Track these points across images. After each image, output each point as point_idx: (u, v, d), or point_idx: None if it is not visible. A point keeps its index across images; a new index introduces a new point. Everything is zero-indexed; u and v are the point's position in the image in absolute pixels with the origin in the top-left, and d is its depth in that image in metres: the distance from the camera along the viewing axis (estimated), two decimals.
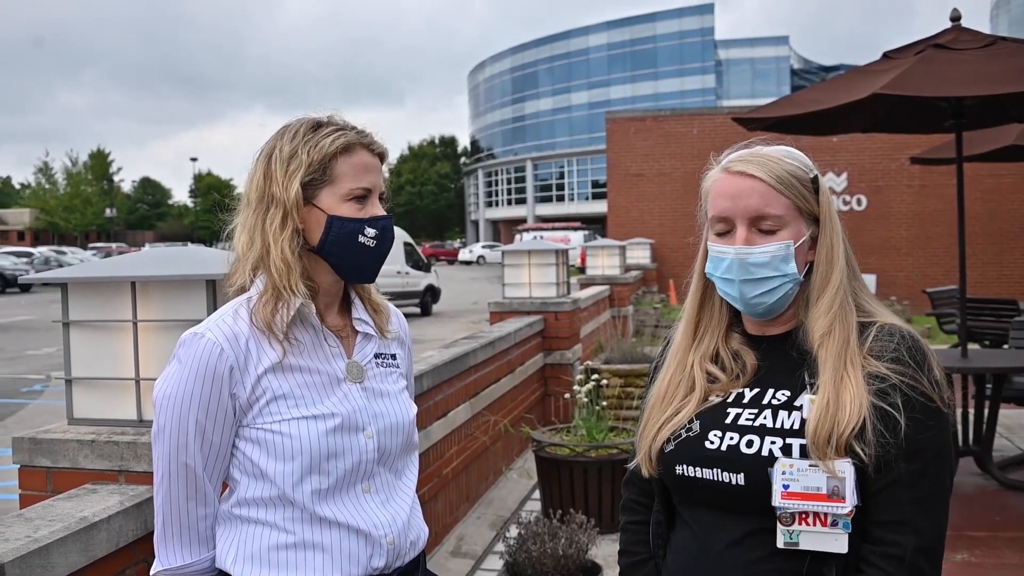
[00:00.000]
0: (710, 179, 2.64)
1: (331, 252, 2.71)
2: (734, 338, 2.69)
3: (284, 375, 2.65)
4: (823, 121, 9.52)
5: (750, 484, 2.41)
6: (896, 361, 2.40)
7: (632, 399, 10.84)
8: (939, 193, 28.29)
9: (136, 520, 3.68)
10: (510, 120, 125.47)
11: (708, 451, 2.50)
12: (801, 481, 2.34)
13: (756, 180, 2.50)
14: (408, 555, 2.82)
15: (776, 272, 2.50)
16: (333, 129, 2.72)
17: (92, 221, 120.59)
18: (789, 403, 2.48)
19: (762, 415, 2.49)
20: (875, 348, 2.44)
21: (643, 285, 26.37)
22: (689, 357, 2.71)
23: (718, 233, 2.57)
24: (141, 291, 4.04)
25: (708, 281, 2.69)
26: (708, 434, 2.53)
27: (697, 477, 2.51)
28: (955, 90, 8.08)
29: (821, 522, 2.34)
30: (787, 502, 2.35)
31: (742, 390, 2.58)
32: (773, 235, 2.50)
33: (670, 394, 2.69)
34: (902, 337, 2.45)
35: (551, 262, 12.43)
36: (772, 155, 2.56)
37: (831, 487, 2.32)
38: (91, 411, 4.20)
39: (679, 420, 2.61)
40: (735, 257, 2.51)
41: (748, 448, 2.44)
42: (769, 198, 2.49)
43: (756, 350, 2.63)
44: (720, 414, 2.56)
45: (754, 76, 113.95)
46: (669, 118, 33.53)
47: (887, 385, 2.37)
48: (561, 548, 6.35)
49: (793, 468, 2.36)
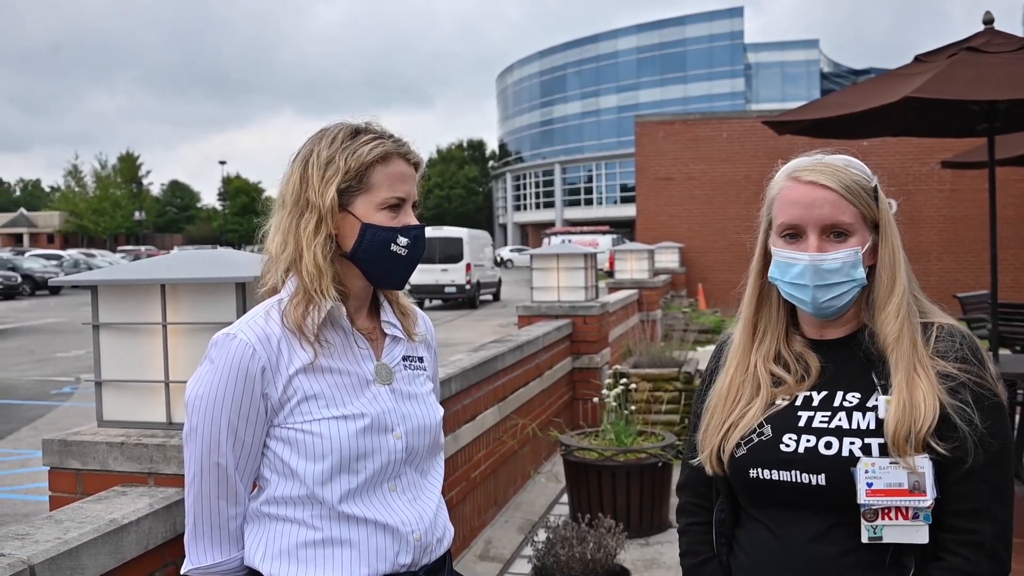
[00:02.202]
0: (776, 186, 2.71)
1: (363, 259, 2.73)
2: (796, 340, 2.75)
3: (315, 376, 2.67)
4: (853, 125, 9.46)
5: (832, 484, 2.50)
6: (962, 360, 2.52)
7: (661, 403, 10.83)
8: (971, 197, 28.08)
9: (166, 522, 3.68)
10: (538, 124, 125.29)
11: (785, 454, 2.57)
12: (884, 478, 2.45)
13: (828, 190, 2.58)
14: (435, 553, 2.85)
15: (847, 278, 2.58)
16: (371, 137, 2.73)
17: (121, 224, 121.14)
18: (862, 404, 2.57)
19: (836, 417, 2.58)
20: (940, 348, 2.56)
21: (672, 289, 26.35)
22: (751, 358, 2.77)
23: (786, 238, 2.64)
24: (171, 294, 4.04)
25: (765, 283, 2.75)
26: (783, 438, 2.60)
27: (774, 479, 2.58)
28: (987, 93, 8.02)
29: (903, 516, 2.45)
30: (872, 499, 2.45)
31: (809, 393, 2.66)
32: (843, 242, 2.59)
33: (733, 395, 2.75)
34: (963, 337, 2.58)
35: (579, 266, 12.41)
36: (838, 164, 2.64)
37: (912, 482, 2.43)
38: (121, 413, 4.20)
39: (747, 423, 2.67)
40: (809, 263, 2.58)
41: (827, 450, 2.53)
42: (840, 207, 2.58)
43: (818, 353, 2.69)
44: (792, 417, 2.63)
45: (784, 80, 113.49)
46: (698, 122, 33.47)
47: (957, 383, 2.48)
48: (589, 552, 6.34)
49: (875, 467, 2.46)
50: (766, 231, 2.74)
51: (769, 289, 2.76)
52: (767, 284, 2.75)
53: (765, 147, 27.71)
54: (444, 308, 39.72)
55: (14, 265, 55.19)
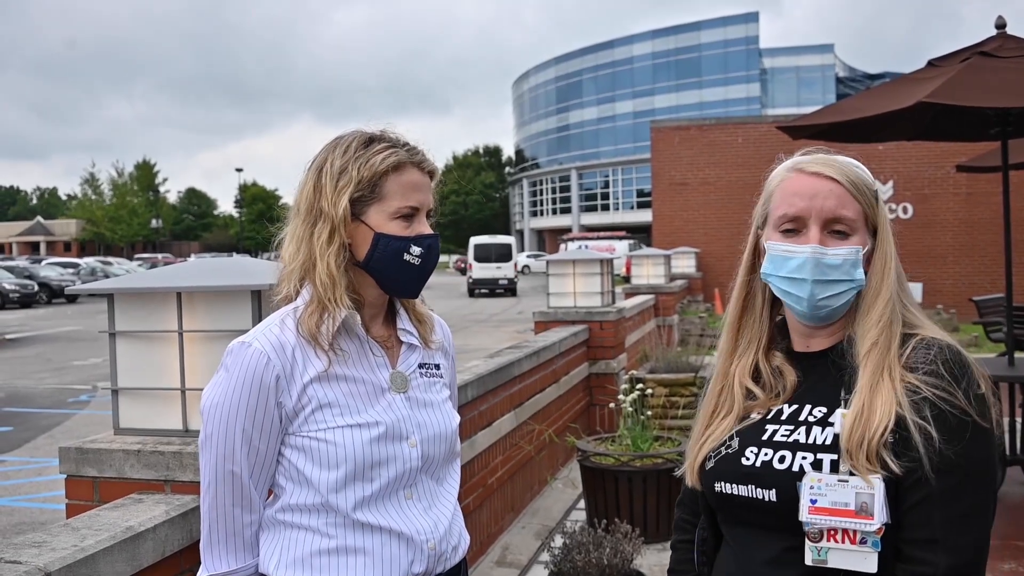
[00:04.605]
0: (777, 177, 2.61)
1: (376, 268, 2.73)
2: (776, 355, 2.66)
3: (330, 384, 2.67)
4: (868, 129, 9.47)
5: (781, 500, 2.38)
6: (931, 374, 2.34)
7: (677, 408, 10.82)
8: (986, 201, 28.04)
9: (182, 530, 3.70)
10: (555, 129, 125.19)
11: (744, 467, 2.49)
12: (829, 496, 2.31)
13: (834, 182, 2.49)
14: (450, 561, 2.84)
15: (847, 276, 2.47)
16: (385, 146, 2.73)
17: (138, 232, 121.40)
18: (824, 419, 2.44)
19: (797, 431, 2.46)
20: (911, 360, 2.40)
21: (688, 294, 26.30)
22: (732, 367, 2.70)
23: (784, 232, 2.54)
24: (187, 302, 4.06)
25: (752, 286, 2.68)
26: (745, 450, 2.51)
27: (734, 494, 2.50)
28: (1001, 100, 8.00)
29: (850, 539, 2.30)
30: (814, 517, 2.31)
31: (781, 406, 2.56)
32: (846, 239, 2.49)
33: (716, 407, 2.69)
34: (940, 349, 2.40)
35: (596, 271, 12.42)
36: (843, 161, 2.56)
37: (860, 503, 2.28)
38: (137, 421, 4.22)
39: (719, 435, 2.61)
40: (811, 255, 2.47)
41: (780, 464, 2.42)
42: (845, 200, 2.49)
43: (798, 367, 2.60)
44: (758, 431, 2.54)
45: (799, 84, 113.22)
46: (714, 127, 33.48)
47: (919, 398, 2.31)
48: (606, 558, 6.34)
49: (821, 483, 2.33)
50: (759, 227, 2.65)
51: (754, 294, 2.69)
52: (754, 288, 2.69)
53: (780, 152, 27.62)
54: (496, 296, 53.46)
55: (31, 273, 55.34)
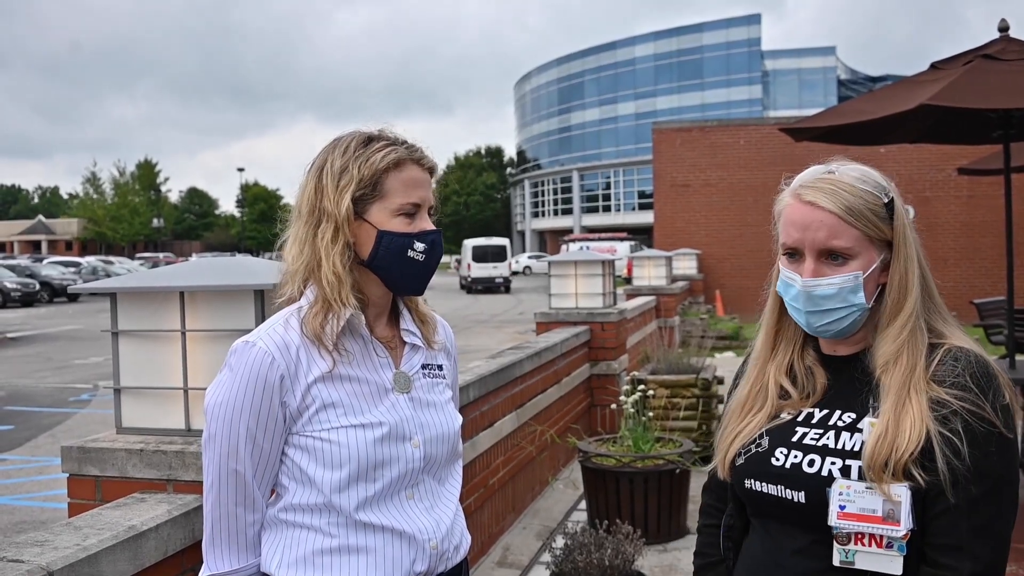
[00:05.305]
0: (782, 203, 2.62)
1: (381, 266, 2.73)
2: (808, 355, 2.70)
3: (333, 384, 2.67)
4: (870, 132, 9.45)
5: (810, 502, 2.45)
6: (959, 387, 2.38)
7: (678, 410, 10.81)
8: (987, 204, 28.06)
9: (184, 529, 3.70)
10: (556, 130, 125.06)
11: (773, 468, 2.54)
12: (857, 502, 2.37)
13: (825, 212, 2.47)
14: (451, 560, 2.85)
15: (843, 303, 2.49)
16: (384, 144, 2.73)
17: (139, 231, 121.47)
18: (853, 425, 2.49)
19: (826, 436, 2.51)
20: (939, 373, 2.42)
21: (689, 295, 26.30)
22: (768, 368, 2.73)
23: (788, 255, 2.58)
24: (189, 301, 4.06)
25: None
26: (775, 451, 2.56)
27: (763, 492, 2.55)
28: (1003, 102, 7.99)
29: (876, 543, 2.36)
30: (843, 522, 2.38)
31: (811, 409, 2.60)
32: (843, 266, 2.49)
33: (749, 403, 2.73)
34: (968, 362, 2.43)
35: (597, 272, 12.42)
36: (844, 181, 2.51)
37: (886, 510, 2.34)
38: (139, 420, 4.22)
39: (749, 433, 2.66)
40: (801, 289, 2.52)
41: (810, 467, 2.47)
42: (838, 230, 2.46)
43: (827, 369, 2.64)
44: (788, 432, 2.59)
45: (801, 87, 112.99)
46: (716, 129, 33.49)
47: (948, 411, 2.35)
48: (607, 559, 6.34)
49: (850, 489, 2.38)
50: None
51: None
52: None
53: (782, 154, 27.73)
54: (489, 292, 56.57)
55: (32, 272, 55.32)
